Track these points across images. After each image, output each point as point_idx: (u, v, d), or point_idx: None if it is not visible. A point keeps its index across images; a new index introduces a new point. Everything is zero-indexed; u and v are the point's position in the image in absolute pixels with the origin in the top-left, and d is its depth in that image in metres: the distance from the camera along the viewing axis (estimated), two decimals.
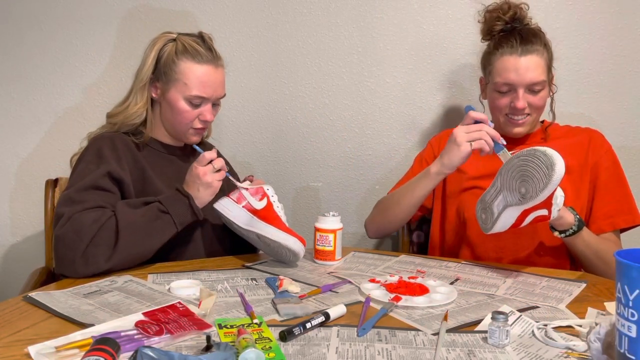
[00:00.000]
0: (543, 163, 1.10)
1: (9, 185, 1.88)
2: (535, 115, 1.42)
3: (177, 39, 1.35)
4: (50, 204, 1.67)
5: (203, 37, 1.37)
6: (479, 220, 1.25)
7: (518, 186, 1.14)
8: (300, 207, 1.91)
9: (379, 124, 1.85)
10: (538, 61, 1.37)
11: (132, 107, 1.35)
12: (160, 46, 1.35)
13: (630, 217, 1.40)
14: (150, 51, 1.35)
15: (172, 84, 1.33)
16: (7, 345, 0.83)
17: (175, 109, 1.34)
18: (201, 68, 1.32)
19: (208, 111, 1.36)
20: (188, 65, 1.32)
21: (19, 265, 1.90)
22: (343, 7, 1.80)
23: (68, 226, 1.15)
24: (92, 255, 1.14)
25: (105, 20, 1.83)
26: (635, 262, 0.68)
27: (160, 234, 1.21)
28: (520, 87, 1.37)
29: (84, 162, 1.29)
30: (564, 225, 1.25)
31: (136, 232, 1.18)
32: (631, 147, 1.79)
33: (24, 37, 1.83)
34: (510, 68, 1.37)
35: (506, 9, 1.42)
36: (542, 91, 1.39)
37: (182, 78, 1.32)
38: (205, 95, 1.33)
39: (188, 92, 1.32)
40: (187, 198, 1.24)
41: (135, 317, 0.91)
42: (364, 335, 0.90)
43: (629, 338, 0.69)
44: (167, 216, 1.21)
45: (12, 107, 1.85)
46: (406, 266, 1.31)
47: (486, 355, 0.84)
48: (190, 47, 1.32)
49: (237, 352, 0.77)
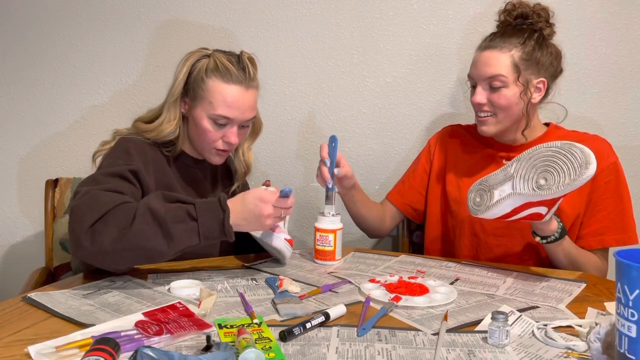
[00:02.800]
0: (577, 159, 1.08)
1: (9, 185, 1.88)
2: (501, 115, 1.36)
3: (212, 55, 1.30)
4: (50, 204, 1.67)
5: (240, 57, 1.31)
6: (469, 201, 1.24)
7: (538, 176, 1.12)
8: (300, 207, 1.91)
9: (379, 124, 1.85)
10: (497, 56, 1.34)
11: (166, 125, 1.30)
12: (193, 61, 1.30)
13: (622, 237, 1.36)
14: (182, 66, 1.30)
15: (199, 101, 1.28)
16: (7, 345, 0.83)
17: (200, 127, 1.29)
18: (229, 88, 1.26)
19: (233, 133, 1.29)
20: (216, 83, 1.26)
21: (19, 265, 1.90)
22: (343, 7, 1.80)
23: (84, 199, 1.08)
24: (98, 232, 1.03)
25: (105, 20, 1.83)
26: (635, 262, 0.68)
27: (179, 239, 1.06)
28: (478, 81, 1.37)
29: (112, 157, 1.24)
30: (546, 231, 1.23)
31: (153, 226, 1.05)
32: (631, 147, 1.79)
33: (24, 37, 1.83)
34: (473, 62, 1.40)
35: (511, 8, 1.41)
36: (502, 89, 1.34)
37: (208, 96, 1.27)
38: (230, 115, 1.27)
39: (212, 111, 1.26)
40: (223, 213, 1.09)
41: (135, 317, 0.91)
42: (364, 335, 0.90)
43: (629, 338, 0.69)
44: (194, 224, 1.08)
45: (12, 107, 1.86)
46: (406, 266, 1.31)
47: (486, 355, 0.84)
48: (221, 65, 1.27)
49: (237, 352, 0.77)
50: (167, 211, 1.07)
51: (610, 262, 1.41)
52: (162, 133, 1.30)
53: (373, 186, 1.87)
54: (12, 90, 1.85)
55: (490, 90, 1.36)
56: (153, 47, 1.83)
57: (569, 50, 1.77)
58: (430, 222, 1.57)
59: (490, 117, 1.38)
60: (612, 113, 1.78)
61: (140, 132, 1.31)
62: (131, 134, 1.32)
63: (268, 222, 1.14)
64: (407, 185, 1.60)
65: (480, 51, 1.38)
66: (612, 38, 1.75)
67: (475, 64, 1.39)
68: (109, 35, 1.83)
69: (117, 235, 1.03)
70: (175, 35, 1.83)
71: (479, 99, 1.37)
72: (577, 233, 1.40)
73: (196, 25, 1.82)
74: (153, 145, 1.31)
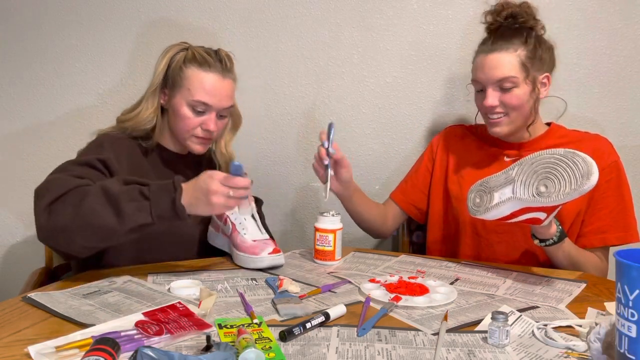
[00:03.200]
0: (579, 169, 1.08)
1: (9, 185, 1.88)
2: (513, 115, 1.38)
3: (190, 47, 1.37)
4: None
5: (218, 51, 1.38)
6: (469, 202, 1.24)
7: (538, 182, 1.12)
8: (300, 207, 1.91)
9: (379, 124, 1.85)
10: (506, 57, 1.35)
11: (144, 113, 1.36)
12: (172, 54, 1.36)
13: (623, 235, 1.37)
14: (162, 58, 1.37)
15: (178, 89, 1.34)
16: (7, 345, 0.83)
17: (179, 114, 1.34)
18: (206, 75, 1.33)
19: (211, 120, 1.35)
20: (194, 72, 1.33)
21: (19, 265, 1.90)
22: (343, 7, 1.80)
23: (44, 183, 1.14)
24: (55, 211, 1.07)
25: (105, 20, 1.82)
26: (635, 262, 0.68)
27: (129, 217, 1.07)
28: (488, 84, 1.37)
29: (84, 150, 1.31)
30: (545, 234, 1.24)
31: (104, 204, 1.07)
32: (631, 147, 1.79)
33: (24, 37, 1.83)
34: (478, 66, 1.39)
35: (500, 9, 1.42)
36: (514, 89, 1.35)
37: (186, 84, 1.33)
38: (208, 102, 1.32)
39: (191, 98, 1.32)
40: (175, 192, 1.09)
41: (135, 317, 0.91)
42: (364, 335, 0.90)
43: (629, 338, 0.69)
44: (146, 203, 1.08)
45: (12, 107, 1.86)
46: (406, 266, 1.31)
47: (486, 355, 0.84)
48: (199, 55, 1.34)
49: (237, 352, 0.77)
50: (121, 191, 1.09)
51: (610, 262, 1.41)
52: (139, 120, 1.35)
53: (373, 186, 1.87)
54: (12, 90, 1.85)
55: (502, 91, 1.37)
56: (153, 47, 1.83)
57: (569, 50, 1.77)
58: (432, 222, 1.58)
59: (503, 118, 1.39)
60: (612, 113, 1.78)
61: (119, 124, 1.38)
62: (111, 130, 1.38)
63: (214, 199, 1.09)
64: (410, 184, 1.60)
65: (485, 55, 1.38)
66: (612, 38, 1.75)
67: (482, 68, 1.38)
68: (109, 35, 1.83)
69: (71, 212, 1.06)
70: (175, 36, 1.83)
71: (491, 101, 1.37)
72: (579, 231, 1.40)
73: (196, 25, 1.82)
74: (130, 138, 1.36)
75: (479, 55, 1.40)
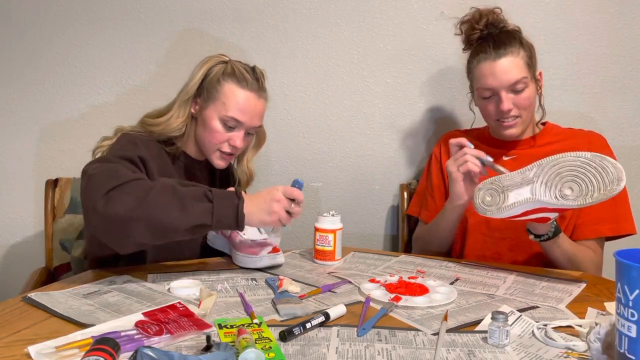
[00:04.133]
0: (609, 174, 1.08)
1: (9, 185, 1.88)
2: (525, 115, 1.41)
3: (229, 62, 1.37)
4: (50, 204, 1.67)
5: (254, 68, 1.39)
6: (476, 199, 1.23)
7: (563, 185, 1.12)
8: None
9: (379, 124, 1.85)
10: (514, 61, 1.37)
11: (174, 120, 1.34)
12: (210, 65, 1.36)
13: (615, 226, 1.37)
14: (199, 68, 1.36)
15: (212, 101, 1.33)
16: (7, 345, 0.83)
17: (209, 127, 1.34)
18: (243, 92, 1.33)
19: (239, 137, 1.35)
20: (231, 87, 1.33)
21: (19, 265, 1.90)
22: (343, 7, 1.80)
23: (103, 169, 1.11)
24: (114, 199, 1.05)
25: (105, 20, 1.83)
26: (635, 262, 0.68)
27: (193, 216, 1.08)
28: (501, 89, 1.38)
29: (119, 145, 1.26)
30: (540, 230, 1.25)
31: (170, 200, 1.07)
32: (631, 147, 1.79)
33: (24, 37, 1.83)
34: (487, 74, 1.39)
35: (478, 17, 1.43)
36: (525, 89, 1.38)
37: (222, 97, 1.32)
38: (240, 119, 1.33)
39: (224, 112, 1.32)
40: (238, 199, 1.12)
41: (135, 317, 0.91)
42: (364, 335, 0.90)
43: (629, 338, 0.69)
44: (209, 205, 1.10)
45: (12, 107, 1.85)
46: (406, 266, 1.31)
47: (486, 355, 0.84)
48: (238, 71, 1.34)
49: (237, 352, 0.77)
50: (187, 190, 1.10)
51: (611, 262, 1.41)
52: (169, 127, 1.33)
53: (372, 185, 1.87)
54: (12, 90, 1.85)
55: (514, 93, 1.38)
56: (153, 47, 1.83)
57: (569, 50, 1.77)
58: None
59: (517, 120, 1.41)
60: (612, 113, 1.79)
61: (146, 127, 1.34)
62: (135, 131, 1.34)
63: (275, 207, 1.15)
64: (430, 202, 1.58)
65: (492, 61, 1.37)
66: (612, 38, 1.75)
67: (493, 75, 1.37)
68: (109, 35, 1.83)
69: (134, 204, 1.05)
70: (175, 36, 1.83)
71: (507, 105, 1.38)
72: (573, 223, 1.41)
73: (195, 25, 1.82)
74: (156, 142, 1.35)
75: (484, 63, 1.39)
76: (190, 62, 1.41)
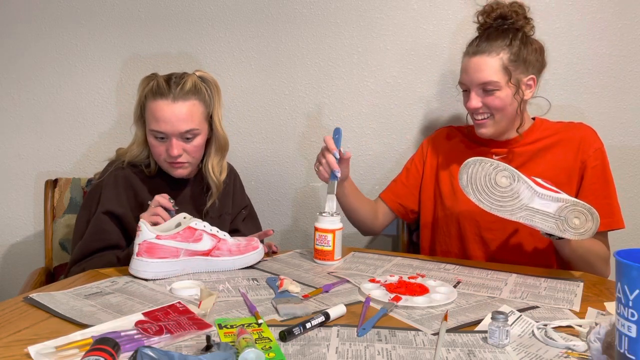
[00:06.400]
0: None
1: (8, 185, 1.88)
2: (498, 116, 1.39)
3: (155, 78, 1.39)
4: (50, 204, 1.67)
5: (182, 75, 1.40)
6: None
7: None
8: (300, 207, 1.91)
9: (379, 124, 1.85)
10: (487, 61, 1.36)
11: (134, 146, 1.44)
12: (143, 87, 1.41)
13: (609, 221, 1.37)
14: (137, 92, 1.42)
15: (144, 120, 1.40)
16: (7, 345, 0.83)
17: (149, 143, 1.41)
18: (155, 103, 1.36)
19: (172, 146, 1.36)
20: (149, 102, 1.37)
21: (18, 265, 1.90)
22: (343, 7, 1.80)
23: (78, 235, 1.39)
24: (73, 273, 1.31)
25: (105, 20, 1.83)
26: (635, 262, 0.68)
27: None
28: (472, 86, 1.38)
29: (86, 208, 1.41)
30: None
31: None
32: (631, 147, 1.79)
33: (24, 37, 1.83)
34: (463, 67, 1.41)
35: (490, 9, 1.42)
36: (497, 92, 1.36)
37: (146, 115, 1.39)
38: (159, 129, 1.35)
39: (149, 127, 1.38)
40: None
41: (135, 317, 0.91)
42: (364, 335, 0.90)
43: (629, 338, 0.69)
44: None
45: (12, 106, 1.86)
46: (405, 269, 1.29)
47: (486, 355, 0.84)
48: (155, 85, 1.37)
49: (237, 352, 0.77)
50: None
51: (611, 262, 1.41)
52: (132, 153, 1.44)
53: (372, 185, 1.87)
54: (12, 90, 1.85)
55: (484, 93, 1.38)
56: (153, 47, 1.83)
57: (569, 50, 1.77)
58: (423, 223, 1.58)
59: (487, 119, 1.41)
60: (612, 113, 1.78)
61: (119, 158, 1.46)
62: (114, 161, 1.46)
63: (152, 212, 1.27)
64: (399, 184, 1.61)
65: (469, 57, 1.39)
66: (612, 38, 1.75)
67: (466, 71, 1.40)
68: (109, 35, 1.83)
69: None
70: (175, 35, 1.83)
71: (474, 104, 1.39)
72: None
73: (196, 25, 1.82)
74: (130, 167, 1.44)
75: (465, 57, 1.42)
76: (190, 62, 1.41)
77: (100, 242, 1.35)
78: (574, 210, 1.16)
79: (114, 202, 1.38)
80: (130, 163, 1.44)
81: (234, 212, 1.56)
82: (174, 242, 1.18)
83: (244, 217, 1.59)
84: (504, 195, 1.21)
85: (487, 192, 1.22)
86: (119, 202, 1.38)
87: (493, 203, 1.21)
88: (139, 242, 1.16)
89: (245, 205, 1.60)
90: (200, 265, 1.23)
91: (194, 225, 1.21)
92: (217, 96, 1.43)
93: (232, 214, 1.55)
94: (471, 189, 1.23)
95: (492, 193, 1.22)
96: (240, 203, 1.58)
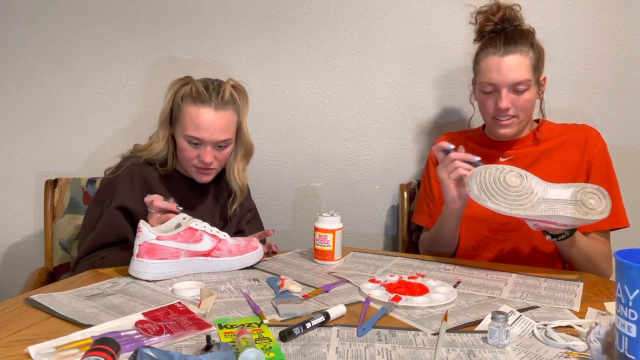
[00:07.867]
0: None
1: (9, 185, 1.88)
2: (522, 116, 1.40)
3: (191, 82, 1.40)
4: (50, 204, 1.67)
5: (220, 83, 1.41)
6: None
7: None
8: (300, 207, 1.91)
9: (379, 124, 1.85)
10: (521, 61, 1.36)
11: (155, 145, 1.43)
12: (176, 89, 1.41)
13: (614, 220, 1.38)
14: (167, 93, 1.43)
15: (178, 123, 1.40)
16: (7, 345, 0.83)
17: (179, 146, 1.41)
18: (197, 110, 1.36)
19: (206, 153, 1.38)
20: (188, 106, 1.37)
21: (18, 265, 1.90)
22: (343, 7, 1.81)
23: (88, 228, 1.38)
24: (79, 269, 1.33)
25: (105, 20, 1.83)
26: (635, 262, 0.68)
27: None
28: (502, 87, 1.37)
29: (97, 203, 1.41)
30: (557, 230, 1.25)
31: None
32: (631, 147, 1.79)
33: (24, 37, 1.83)
34: (492, 68, 1.38)
35: (495, 10, 1.42)
36: (526, 92, 1.37)
37: (181, 118, 1.38)
38: (199, 136, 1.36)
39: (184, 132, 1.37)
40: None
41: (135, 317, 0.91)
42: (364, 335, 0.90)
43: (629, 338, 0.69)
44: None
45: (12, 106, 1.86)
46: (405, 269, 1.30)
47: (486, 355, 0.84)
48: (194, 89, 1.37)
49: (237, 352, 0.77)
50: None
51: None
52: (152, 151, 1.43)
53: (373, 186, 1.87)
54: (12, 90, 1.85)
55: (514, 93, 1.38)
56: (153, 47, 1.83)
57: (569, 49, 1.77)
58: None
59: (513, 120, 1.40)
60: (612, 113, 1.79)
61: (136, 153, 1.45)
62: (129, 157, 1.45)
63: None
64: (432, 207, 1.56)
65: (499, 57, 1.37)
66: (612, 38, 1.75)
67: (498, 70, 1.37)
68: (109, 35, 1.83)
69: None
70: (175, 35, 1.83)
71: (505, 104, 1.37)
72: None
73: (196, 25, 1.82)
74: (146, 164, 1.43)
75: (491, 57, 1.38)
76: (190, 62, 1.41)
77: (110, 236, 1.35)
78: (586, 192, 1.17)
79: (129, 198, 1.38)
80: (146, 160, 1.44)
81: (241, 215, 1.57)
82: (174, 242, 1.18)
83: (248, 219, 1.60)
84: (519, 194, 1.20)
85: (502, 194, 1.20)
86: (134, 197, 1.38)
87: (512, 203, 1.19)
88: (139, 243, 1.16)
89: (250, 209, 1.61)
90: (200, 265, 1.23)
91: (194, 225, 1.21)
92: (246, 105, 1.46)
93: (239, 216, 1.56)
94: (486, 196, 1.20)
95: (507, 195, 1.20)
96: (247, 206, 1.60)
